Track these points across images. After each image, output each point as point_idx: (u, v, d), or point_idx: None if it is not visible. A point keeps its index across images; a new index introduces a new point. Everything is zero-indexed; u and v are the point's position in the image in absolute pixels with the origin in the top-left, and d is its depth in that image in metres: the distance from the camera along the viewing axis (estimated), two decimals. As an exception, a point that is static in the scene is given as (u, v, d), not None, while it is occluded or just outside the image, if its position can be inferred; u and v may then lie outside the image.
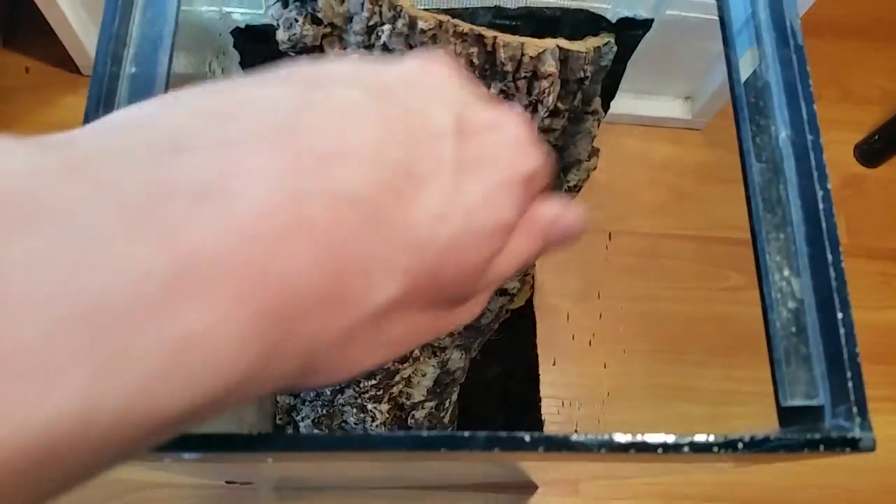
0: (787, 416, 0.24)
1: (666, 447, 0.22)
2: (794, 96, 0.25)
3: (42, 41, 0.79)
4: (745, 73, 0.27)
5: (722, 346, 0.77)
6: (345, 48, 0.36)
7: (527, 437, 0.21)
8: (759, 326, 0.25)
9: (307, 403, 0.54)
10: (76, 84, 0.81)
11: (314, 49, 0.36)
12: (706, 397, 0.75)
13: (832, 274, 0.24)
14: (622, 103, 0.84)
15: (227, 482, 0.62)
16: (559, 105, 0.40)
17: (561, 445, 0.21)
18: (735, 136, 0.27)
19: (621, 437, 0.21)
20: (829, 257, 0.24)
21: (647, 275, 0.80)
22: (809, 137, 0.25)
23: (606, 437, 0.21)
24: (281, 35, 0.36)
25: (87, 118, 0.24)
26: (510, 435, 0.21)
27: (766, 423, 0.24)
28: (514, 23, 0.39)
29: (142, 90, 0.24)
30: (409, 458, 0.26)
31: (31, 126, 0.79)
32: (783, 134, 0.25)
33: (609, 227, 0.81)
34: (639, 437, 0.21)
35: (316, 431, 0.53)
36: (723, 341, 0.77)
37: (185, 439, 0.21)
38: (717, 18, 0.29)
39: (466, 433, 0.21)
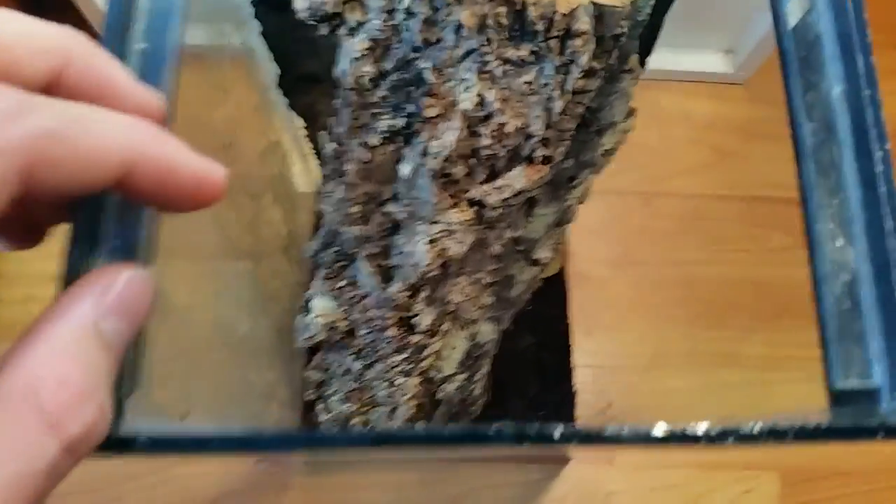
0: (838, 398, 0.22)
1: (709, 438, 0.20)
2: (848, 47, 0.23)
3: (67, 19, 0.78)
4: (792, 22, 0.25)
5: (765, 310, 0.74)
6: (366, 14, 0.35)
7: (557, 432, 0.19)
8: (804, 289, 0.23)
9: (335, 379, 0.53)
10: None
11: (334, 17, 0.35)
12: (749, 363, 0.73)
13: (891, 243, 0.21)
14: (659, 58, 0.80)
15: (257, 461, 0.62)
16: (594, 65, 0.38)
17: (593, 439, 0.20)
18: (781, 91, 0.24)
19: (658, 430, 0.20)
20: (888, 224, 0.22)
21: (688, 238, 0.77)
22: (866, 92, 0.22)
23: (643, 429, 0.20)
24: (299, 3, 0.34)
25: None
26: (540, 429, 0.19)
27: (811, 390, 0.23)
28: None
29: (152, 67, 0.23)
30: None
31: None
32: (836, 89, 0.23)
33: (647, 189, 0.78)
34: (677, 429, 0.20)
35: (345, 406, 0.53)
36: (766, 305, 0.74)
37: (204, 439, 0.20)
38: (760, -37, 0.26)
39: (492, 429, 0.19)
